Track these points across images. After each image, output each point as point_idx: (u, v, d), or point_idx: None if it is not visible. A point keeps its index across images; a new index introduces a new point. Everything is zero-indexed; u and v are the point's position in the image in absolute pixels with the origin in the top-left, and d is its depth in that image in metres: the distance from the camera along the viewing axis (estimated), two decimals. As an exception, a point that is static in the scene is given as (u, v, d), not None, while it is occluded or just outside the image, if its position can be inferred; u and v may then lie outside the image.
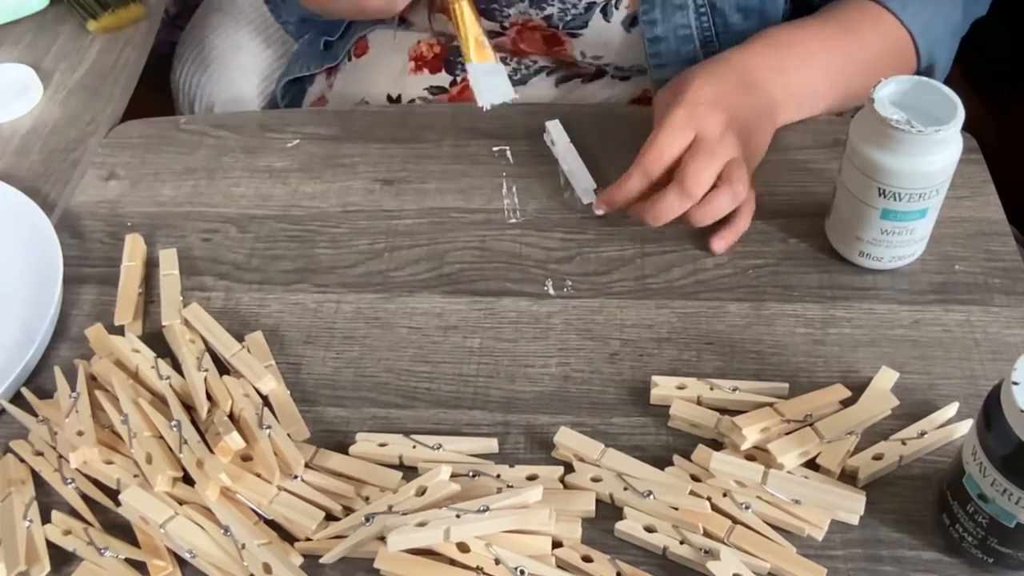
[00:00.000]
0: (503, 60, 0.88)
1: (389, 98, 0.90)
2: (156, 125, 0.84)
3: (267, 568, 0.53)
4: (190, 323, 0.66)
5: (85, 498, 0.58)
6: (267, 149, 0.81)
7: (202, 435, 0.59)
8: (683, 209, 0.67)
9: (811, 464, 0.58)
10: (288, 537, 0.56)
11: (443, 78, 0.89)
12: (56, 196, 0.78)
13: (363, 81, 0.93)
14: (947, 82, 0.63)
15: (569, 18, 0.81)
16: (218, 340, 0.65)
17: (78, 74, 0.90)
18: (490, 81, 0.73)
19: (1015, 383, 0.46)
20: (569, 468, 0.58)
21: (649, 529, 0.55)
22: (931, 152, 0.60)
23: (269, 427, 0.59)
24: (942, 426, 0.59)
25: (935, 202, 0.63)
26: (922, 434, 0.58)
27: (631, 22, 0.81)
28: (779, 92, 0.71)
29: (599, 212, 0.71)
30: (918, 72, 0.77)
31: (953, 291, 0.67)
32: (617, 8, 0.80)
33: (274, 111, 0.99)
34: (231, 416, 0.60)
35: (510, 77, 0.87)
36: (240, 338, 0.65)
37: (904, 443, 0.58)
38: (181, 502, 0.57)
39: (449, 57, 0.89)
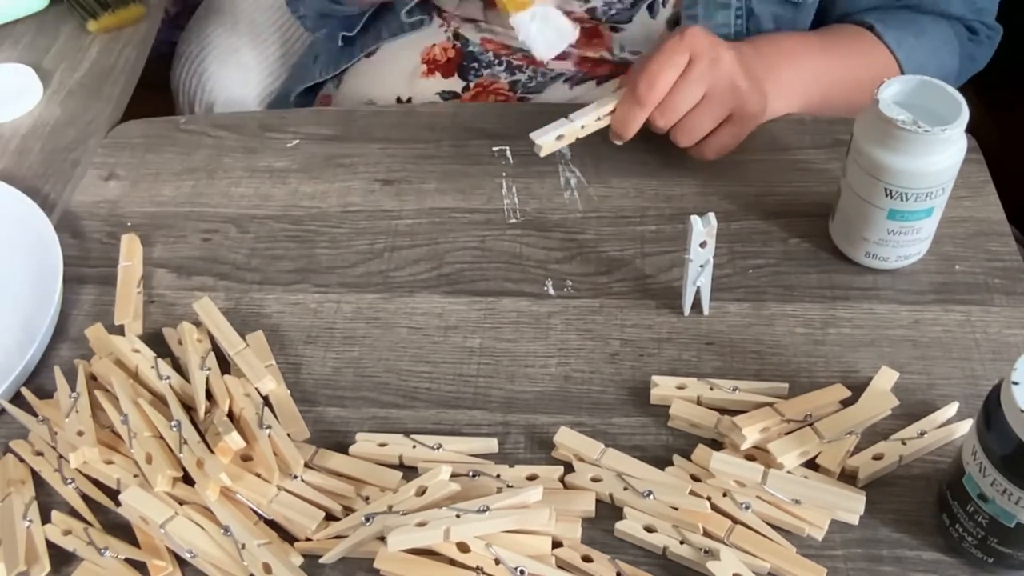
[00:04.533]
0: (520, 69, 0.87)
1: (399, 100, 0.90)
2: (156, 125, 0.84)
3: (267, 568, 0.53)
4: (197, 317, 0.67)
5: (85, 498, 0.58)
6: (267, 149, 0.81)
7: (202, 435, 0.59)
8: (637, 115, 0.68)
9: (811, 464, 0.58)
10: (288, 537, 0.56)
11: (456, 83, 0.88)
12: (56, 196, 0.78)
13: (372, 82, 0.92)
14: (947, 82, 0.63)
15: (614, 12, 0.81)
16: (224, 336, 0.65)
17: (78, 74, 0.90)
18: (542, 30, 0.68)
19: (1015, 383, 0.46)
20: (569, 468, 0.58)
21: (649, 529, 0.55)
22: (937, 151, 0.60)
23: (269, 427, 0.59)
24: (942, 426, 0.59)
25: (940, 201, 0.64)
26: (922, 434, 0.58)
27: (676, 21, 0.81)
28: (770, 85, 0.74)
29: (618, 142, 0.70)
30: None
31: (953, 291, 0.67)
32: (664, 5, 0.80)
33: (274, 111, 0.99)
34: (231, 416, 0.60)
35: (525, 85, 0.87)
36: (240, 338, 0.65)
37: (904, 443, 0.58)
38: (181, 502, 0.57)
39: (463, 62, 0.88)
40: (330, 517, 0.57)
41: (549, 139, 0.68)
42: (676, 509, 0.55)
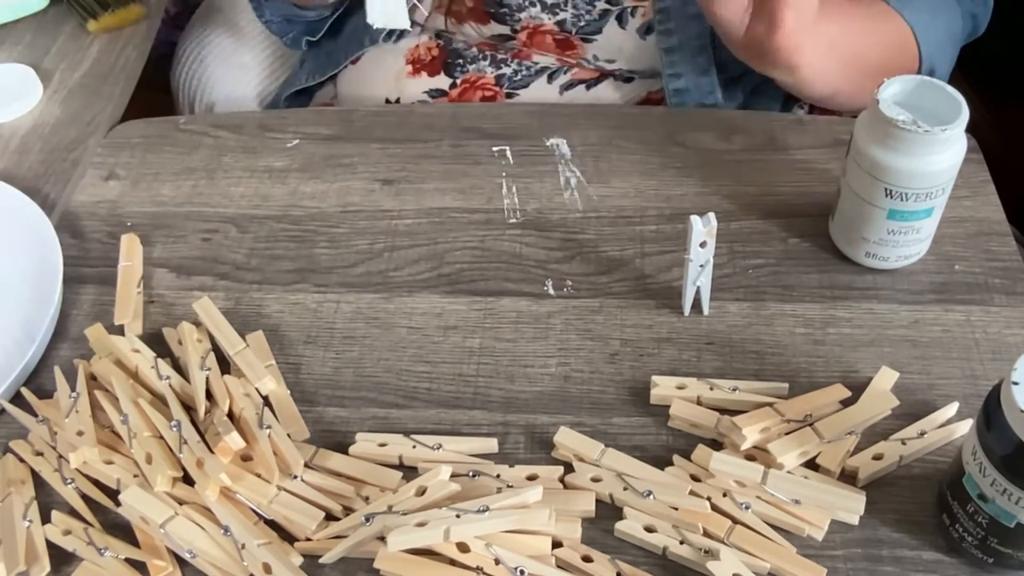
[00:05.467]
0: (505, 63, 0.88)
1: (388, 102, 0.90)
2: (156, 125, 0.84)
3: (267, 568, 0.53)
4: (197, 317, 0.67)
5: (85, 498, 0.58)
6: (267, 149, 0.81)
7: (202, 435, 0.59)
8: None
9: (811, 464, 0.58)
10: (288, 537, 0.56)
11: (442, 80, 0.89)
12: (56, 196, 0.78)
13: (360, 86, 0.93)
14: (947, 82, 0.63)
15: (583, 24, 0.81)
16: (224, 336, 0.65)
17: (78, 74, 0.90)
18: (384, 4, 0.72)
19: (1015, 383, 0.46)
20: (569, 468, 0.58)
21: (649, 529, 0.55)
22: (937, 151, 0.60)
23: (269, 427, 0.59)
24: (942, 426, 0.59)
25: (941, 201, 0.64)
26: (922, 434, 0.58)
27: (647, 30, 0.80)
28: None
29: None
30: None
31: (953, 291, 0.67)
32: (633, 16, 0.80)
33: (274, 111, 0.99)
34: (231, 416, 0.60)
35: (511, 79, 0.87)
36: (240, 338, 0.65)
37: (904, 443, 0.58)
38: (181, 502, 0.57)
39: (448, 60, 0.89)
40: (330, 517, 0.57)
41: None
42: (676, 509, 0.55)
